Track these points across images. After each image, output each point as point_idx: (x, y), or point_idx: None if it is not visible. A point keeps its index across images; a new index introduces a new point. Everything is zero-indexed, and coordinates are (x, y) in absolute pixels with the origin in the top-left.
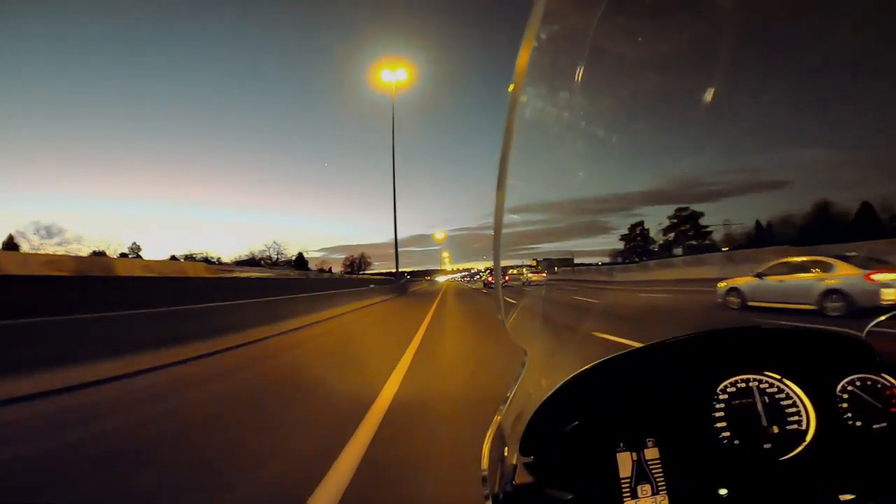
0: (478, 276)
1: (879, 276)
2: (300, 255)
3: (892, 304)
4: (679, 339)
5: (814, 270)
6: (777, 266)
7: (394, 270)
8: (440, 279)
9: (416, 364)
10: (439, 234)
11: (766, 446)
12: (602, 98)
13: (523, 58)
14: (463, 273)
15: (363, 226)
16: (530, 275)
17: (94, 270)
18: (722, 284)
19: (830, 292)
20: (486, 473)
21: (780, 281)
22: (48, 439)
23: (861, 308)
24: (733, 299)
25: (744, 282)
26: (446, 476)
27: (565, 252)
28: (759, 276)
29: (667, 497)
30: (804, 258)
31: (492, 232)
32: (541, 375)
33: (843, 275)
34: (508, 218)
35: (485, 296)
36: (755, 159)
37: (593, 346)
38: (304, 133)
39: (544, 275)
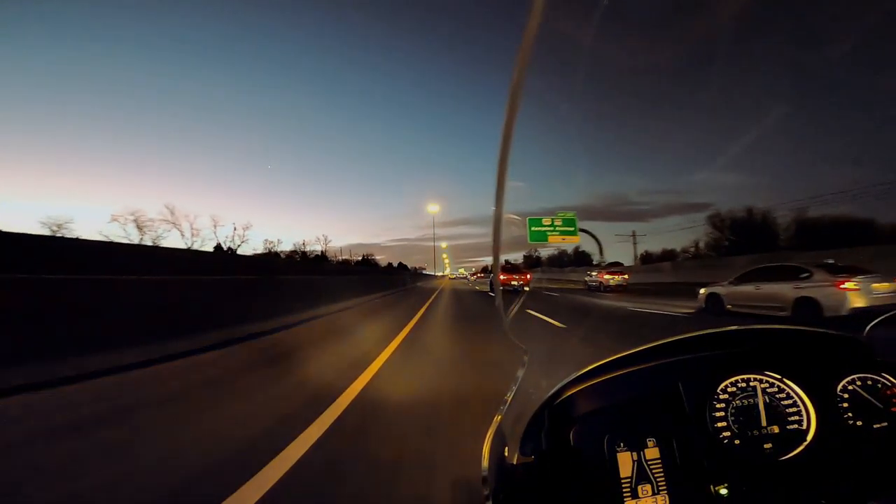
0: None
1: (848, 285)
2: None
3: (864, 309)
4: (680, 340)
5: (790, 277)
6: (753, 272)
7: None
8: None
9: None
10: (433, 207)
11: (767, 446)
12: (541, 114)
13: (522, 59)
14: (473, 272)
15: (361, 227)
16: (607, 276)
17: None
18: (703, 291)
19: (804, 300)
20: (486, 473)
21: (757, 287)
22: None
23: (829, 317)
24: (713, 304)
25: (721, 288)
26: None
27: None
28: (736, 282)
29: (667, 497)
30: (781, 264)
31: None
32: (541, 376)
33: (817, 283)
34: (461, 230)
35: None
36: (679, 182)
37: (593, 347)
38: (301, 135)
39: (626, 277)
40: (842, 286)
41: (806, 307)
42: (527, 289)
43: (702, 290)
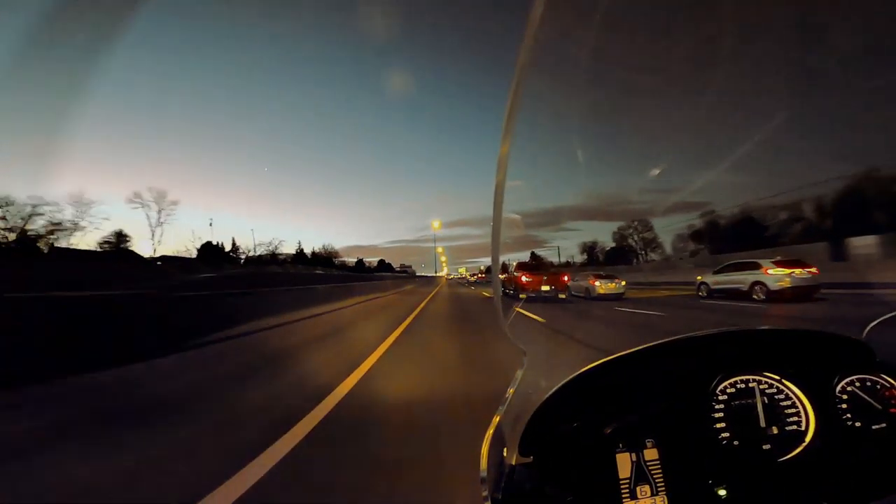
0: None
1: (773, 271)
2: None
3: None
4: (679, 340)
5: (747, 269)
6: (726, 266)
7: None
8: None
9: None
10: (435, 223)
11: (766, 447)
12: (537, 112)
13: (523, 59)
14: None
15: (360, 229)
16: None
17: None
18: (698, 278)
19: (756, 282)
20: (485, 474)
21: (728, 275)
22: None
23: (772, 291)
24: (703, 290)
25: (707, 278)
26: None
27: None
28: (716, 272)
29: (666, 498)
30: (742, 260)
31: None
32: (540, 376)
33: (762, 271)
34: (460, 231)
35: None
36: (679, 182)
37: (593, 348)
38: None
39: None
40: (768, 272)
41: (757, 287)
42: (563, 296)
43: (698, 278)
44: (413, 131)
